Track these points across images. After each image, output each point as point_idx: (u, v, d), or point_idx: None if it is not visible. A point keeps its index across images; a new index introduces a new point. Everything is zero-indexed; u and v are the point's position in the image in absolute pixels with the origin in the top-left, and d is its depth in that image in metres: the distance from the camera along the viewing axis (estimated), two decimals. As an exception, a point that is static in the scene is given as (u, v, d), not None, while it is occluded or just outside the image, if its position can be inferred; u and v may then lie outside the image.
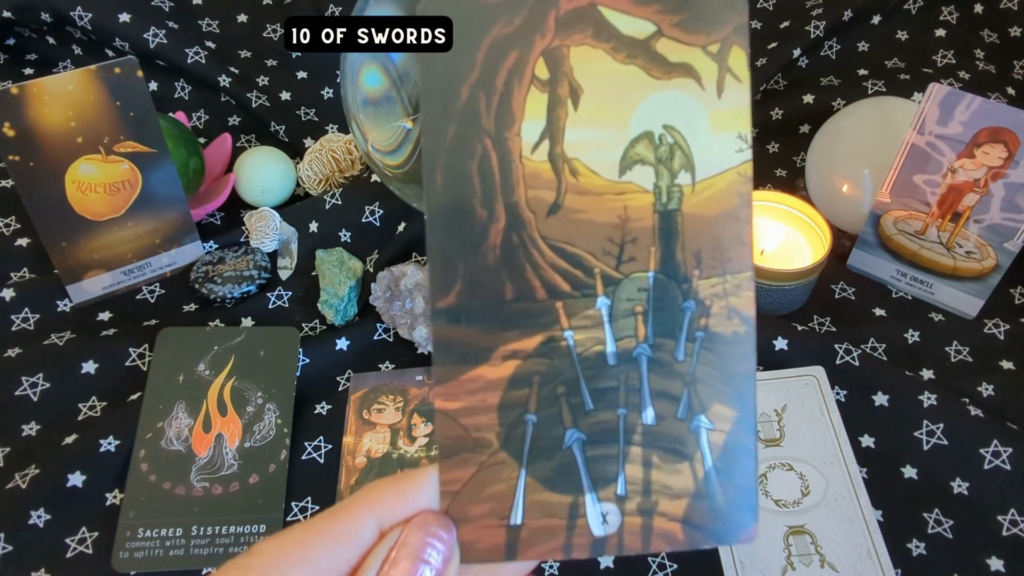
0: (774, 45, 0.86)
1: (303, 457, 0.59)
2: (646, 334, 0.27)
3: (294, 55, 0.88)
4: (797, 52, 0.85)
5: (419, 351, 0.64)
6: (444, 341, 0.26)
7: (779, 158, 0.83)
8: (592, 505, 0.27)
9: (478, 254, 0.26)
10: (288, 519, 0.56)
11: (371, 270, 0.69)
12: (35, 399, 0.60)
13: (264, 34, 0.89)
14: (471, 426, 0.27)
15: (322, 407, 0.61)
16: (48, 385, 0.61)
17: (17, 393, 0.60)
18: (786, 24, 0.89)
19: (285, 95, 0.85)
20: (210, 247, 0.71)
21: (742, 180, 0.27)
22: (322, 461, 0.59)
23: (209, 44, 0.85)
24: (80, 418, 0.60)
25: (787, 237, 0.70)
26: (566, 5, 0.26)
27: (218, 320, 0.66)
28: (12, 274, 0.68)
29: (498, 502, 0.26)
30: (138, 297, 0.68)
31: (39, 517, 0.54)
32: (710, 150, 0.27)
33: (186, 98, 0.84)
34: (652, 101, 0.27)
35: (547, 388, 0.27)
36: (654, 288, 0.27)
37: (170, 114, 0.73)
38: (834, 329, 0.67)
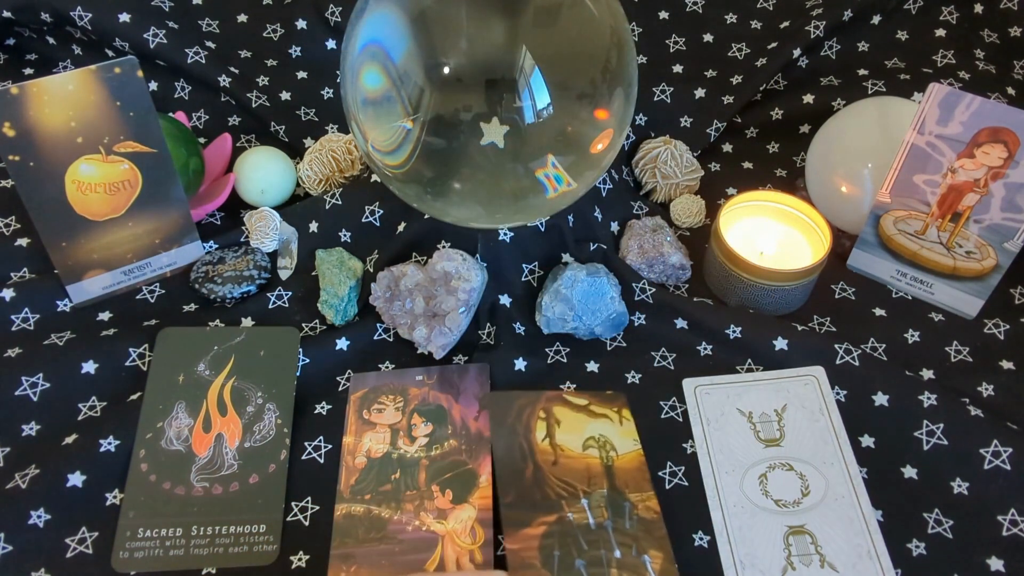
0: (774, 45, 0.86)
1: (303, 457, 0.59)
2: (608, 515, 0.55)
3: (294, 55, 0.88)
4: (797, 52, 0.85)
5: (419, 351, 0.64)
6: (511, 517, 0.54)
7: (779, 158, 0.83)
8: None
9: (523, 480, 0.57)
10: (288, 519, 0.56)
11: (371, 270, 0.69)
12: (35, 399, 0.60)
13: (264, 34, 0.89)
14: (526, 557, 0.52)
15: (322, 407, 0.61)
16: (48, 385, 0.61)
17: (17, 393, 0.60)
18: (786, 24, 0.89)
19: (285, 95, 0.85)
20: (210, 247, 0.71)
21: (639, 455, 0.59)
22: (322, 461, 0.59)
23: (209, 44, 0.85)
24: (80, 418, 0.60)
25: (787, 237, 0.70)
26: (548, 395, 0.62)
27: (218, 320, 0.66)
28: (12, 274, 0.68)
29: None
30: (138, 297, 0.68)
31: (39, 517, 0.54)
32: (622, 442, 0.59)
33: (186, 98, 0.84)
34: (592, 425, 0.60)
35: (562, 539, 0.53)
36: (608, 497, 0.56)
37: (170, 114, 0.73)
38: (834, 329, 0.67)
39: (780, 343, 0.63)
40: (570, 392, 0.62)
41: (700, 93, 0.85)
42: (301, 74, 0.87)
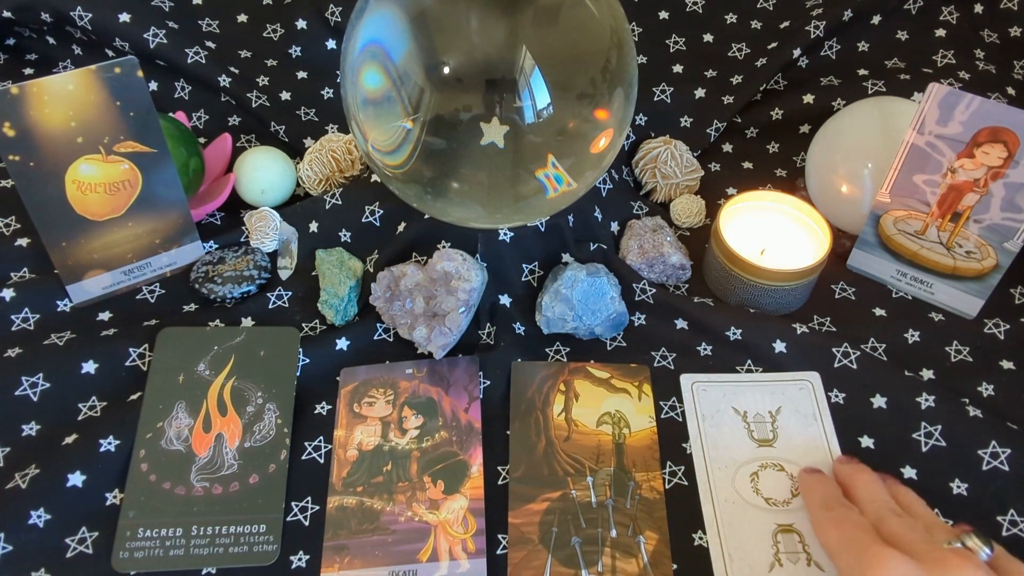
0: (774, 45, 0.86)
1: (303, 457, 0.59)
2: (611, 494, 0.56)
3: (294, 55, 0.88)
4: (797, 52, 0.85)
5: (419, 351, 0.64)
6: (517, 491, 0.57)
7: (779, 158, 0.83)
8: None
9: (534, 455, 0.58)
10: (288, 519, 0.56)
11: (371, 270, 0.69)
12: (35, 399, 0.60)
13: (264, 34, 0.89)
14: (525, 531, 0.55)
15: (322, 407, 0.61)
16: (48, 385, 0.61)
17: (17, 393, 0.60)
18: (786, 24, 0.89)
19: (285, 95, 0.85)
20: (210, 247, 0.71)
21: (652, 432, 0.60)
22: (322, 461, 0.59)
23: (209, 44, 0.85)
24: (80, 418, 0.60)
25: (787, 237, 0.70)
26: (572, 367, 0.64)
27: (218, 320, 0.66)
28: (12, 274, 0.68)
29: (536, 572, 0.53)
30: (138, 297, 0.68)
31: (39, 517, 0.54)
32: (638, 419, 0.61)
33: (186, 98, 0.84)
34: (609, 400, 0.61)
35: (563, 516, 0.55)
36: (614, 476, 0.57)
37: (170, 114, 0.73)
38: (834, 329, 0.67)
39: (780, 343, 0.63)
40: (594, 365, 0.64)
41: (700, 93, 0.85)
42: (301, 74, 0.87)
